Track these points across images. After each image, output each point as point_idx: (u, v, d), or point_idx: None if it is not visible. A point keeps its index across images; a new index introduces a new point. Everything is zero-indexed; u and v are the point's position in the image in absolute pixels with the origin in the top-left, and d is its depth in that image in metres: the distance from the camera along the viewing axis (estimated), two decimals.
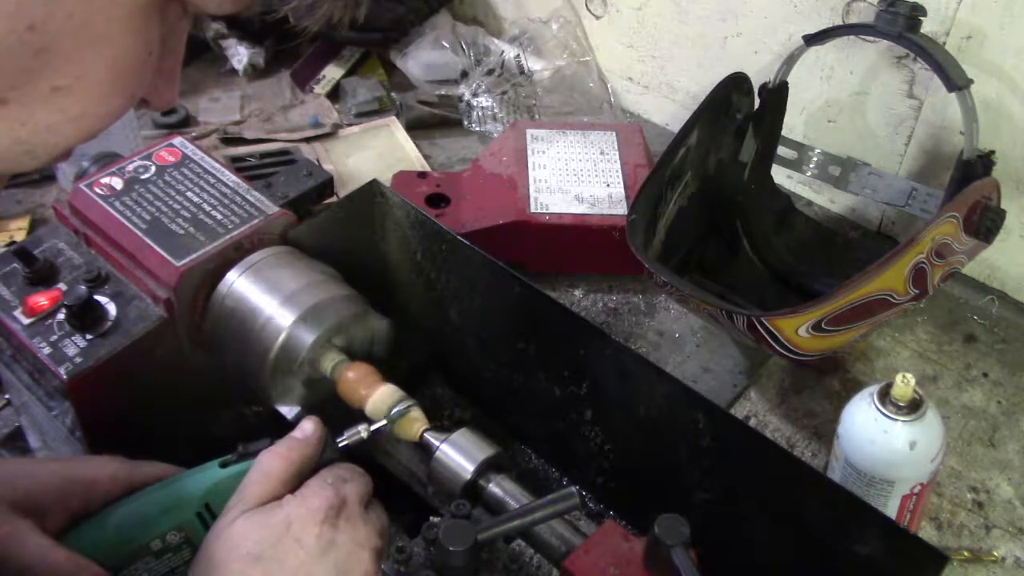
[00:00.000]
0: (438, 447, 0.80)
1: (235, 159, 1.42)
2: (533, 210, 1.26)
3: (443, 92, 1.58)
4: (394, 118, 1.53)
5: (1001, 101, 1.15)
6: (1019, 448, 1.10)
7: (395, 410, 0.80)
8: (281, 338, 0.81)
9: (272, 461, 0.71)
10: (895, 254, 0.98)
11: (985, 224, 1.06)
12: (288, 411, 0.83)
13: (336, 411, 0.98)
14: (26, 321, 0.82)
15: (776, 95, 1.24)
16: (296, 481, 0.71)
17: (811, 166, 1.32)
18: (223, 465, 0.74)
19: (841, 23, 1.24)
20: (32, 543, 0.68)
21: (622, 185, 1.30)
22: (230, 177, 0.91)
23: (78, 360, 0.78)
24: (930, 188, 1.23)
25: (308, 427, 0.75)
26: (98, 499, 0.73)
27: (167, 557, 0.73)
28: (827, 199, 1.40)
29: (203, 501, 0.73)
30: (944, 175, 1.16)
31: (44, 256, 0.86)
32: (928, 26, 1.12)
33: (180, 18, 0.57)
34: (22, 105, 0.50)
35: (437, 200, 1.30)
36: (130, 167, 0.91)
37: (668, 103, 1.53)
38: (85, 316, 0.80)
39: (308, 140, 1.49)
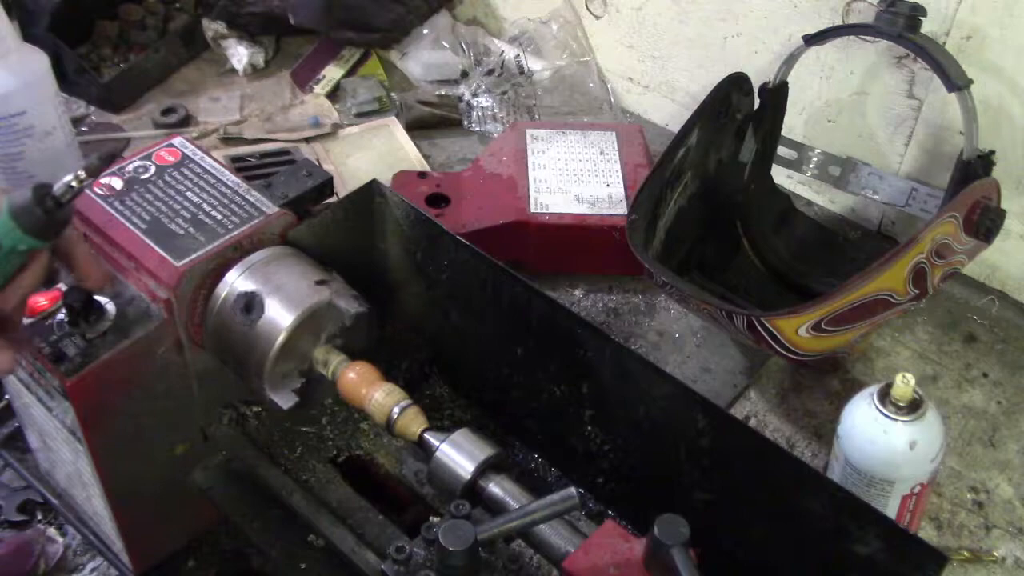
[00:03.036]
0: (438, 447, 0.80)
1: (235, 159, 1.42)
2: (533, 210, 1.26)
3: (443, 92, 1.58)
4: (394, 118, 1.53)
5: (1001, 101, 1.15)
6: (1019, 448, 1.10)
7: (395, 410, 0.80)
8: (281, 338, 0.81)
9: None
10: (895, 254, 0.98)
11: (985, 224, 1.06)
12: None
13: (337, 406, 0.99)
14: (26, 321, 0.81)
15: (776, 95, 1.24)
16: None
17: (811, 166, 1.32)
18: None
19: (841, 23, 1.24)
20: None
21: (622, 185, 1.30)
22: (230, 177, 0.91)
23: (78, 360, 0.78)
24: (930, 188, 1.23)
25: None
26: None
27: None
28: (827, 199, 1.40)
29: None
30: (944, 175, 1.16)
31: None
32: (928, 26, 1.12)
33: None
34: None
35: (437, 200, 1.30)
36: (130, 167, 0.91)
37: (668, 103, 1.53)
38: (85, 316, 0.80)
39: (308, 140, 1.49)
